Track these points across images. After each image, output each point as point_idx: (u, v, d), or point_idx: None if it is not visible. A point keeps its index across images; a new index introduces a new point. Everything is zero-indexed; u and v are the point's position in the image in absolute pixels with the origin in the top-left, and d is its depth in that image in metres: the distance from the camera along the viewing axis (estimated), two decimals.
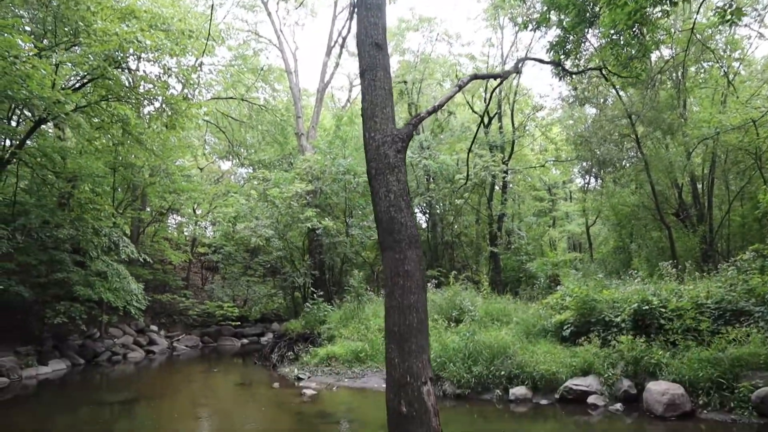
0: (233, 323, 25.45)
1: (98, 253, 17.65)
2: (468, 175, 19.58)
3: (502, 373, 11.59)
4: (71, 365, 17.72)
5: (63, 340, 18.54)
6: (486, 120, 26.40)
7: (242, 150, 34.58)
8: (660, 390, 9.57)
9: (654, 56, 18.35)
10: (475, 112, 27.47)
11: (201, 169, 32.02)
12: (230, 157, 35.23)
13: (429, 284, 19.22)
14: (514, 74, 17.37)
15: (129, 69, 17.28)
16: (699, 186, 21.04)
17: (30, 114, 16.40)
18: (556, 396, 10.89)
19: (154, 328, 23.69)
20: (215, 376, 17.06)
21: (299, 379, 14.65)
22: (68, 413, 11.80)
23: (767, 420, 8.61)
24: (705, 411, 9.27)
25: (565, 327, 12.77)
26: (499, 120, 27.70)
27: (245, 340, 25.12)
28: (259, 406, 12.56)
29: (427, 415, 3.04)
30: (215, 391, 14.88)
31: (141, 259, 19.30)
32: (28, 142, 15.85)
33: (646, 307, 11.52)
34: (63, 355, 17.95)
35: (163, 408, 12.75)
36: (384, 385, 13.05)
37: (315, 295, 19.85)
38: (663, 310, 11.37)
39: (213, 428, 11.05)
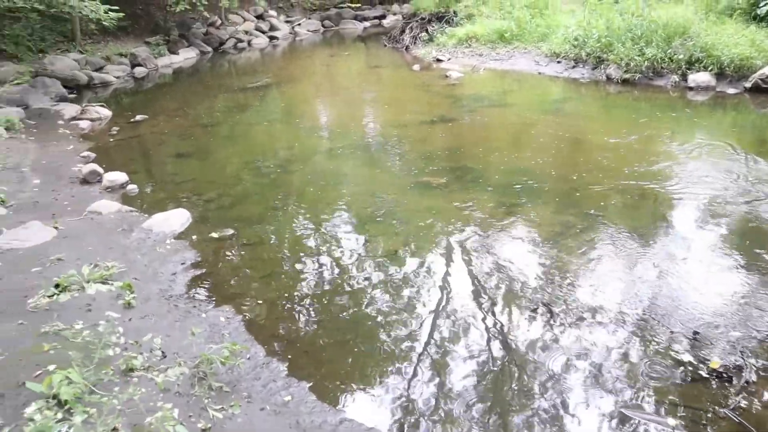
0: (353, 5, 24.21)
1: None
2: None
3: (681, 56, 10.13)
4: (200, 53, 17.78)
5: (188, 29, 18.36)
6: None
7: None
8: None
9: None
10: None
11: None
12: None
13: None
14: None
15: None
16: None
17: None
18: (747, 85, 9.45)
19: (272, 13, 22.97)
20: (346, 60, 16.63)
21: (438, 60, 13.86)
22: (209, 98, 11.93)
23: None
24: None
25: (763, 2, 10.59)
26: None
27: (367, 24, 24.07)
28: (404, 89, 12.13)
29: None
30: (352, 74, 14.56)
31: None
32: None
33: None
34: (190, 44, 17.96)
35: (301, 91, 12.67)
36: (535, 68, 12.21)
37: None
38: None
39: (363, 108, 10.91)
